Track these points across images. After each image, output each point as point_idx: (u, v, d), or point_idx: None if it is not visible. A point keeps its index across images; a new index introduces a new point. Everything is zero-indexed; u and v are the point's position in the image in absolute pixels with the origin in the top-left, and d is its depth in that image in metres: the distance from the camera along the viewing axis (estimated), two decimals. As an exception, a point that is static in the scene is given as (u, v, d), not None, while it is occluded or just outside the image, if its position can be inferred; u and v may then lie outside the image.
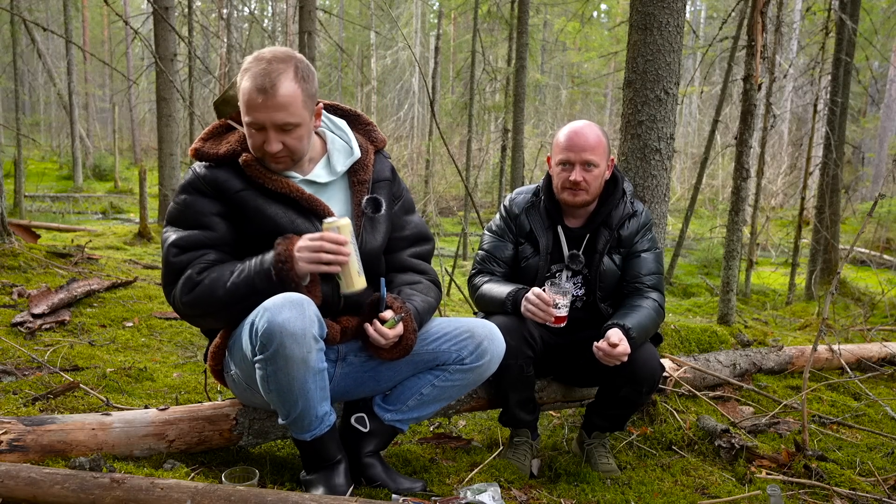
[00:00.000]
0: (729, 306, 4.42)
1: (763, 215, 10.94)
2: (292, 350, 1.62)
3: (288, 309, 1.63)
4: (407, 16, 23.38)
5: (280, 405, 1.75)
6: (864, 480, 2.23)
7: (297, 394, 1.70)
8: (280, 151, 1.76)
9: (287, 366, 1.65)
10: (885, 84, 18.13)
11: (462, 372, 1.97)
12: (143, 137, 26.30)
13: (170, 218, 1.86)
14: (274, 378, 1.68)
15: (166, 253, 1.81)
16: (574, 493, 2.15)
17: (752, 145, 4.39)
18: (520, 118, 9.51)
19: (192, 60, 11.84)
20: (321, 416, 1.79)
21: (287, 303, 1.64)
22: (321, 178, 1.89)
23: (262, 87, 1.69)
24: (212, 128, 1.92)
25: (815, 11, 8.94)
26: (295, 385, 1.68)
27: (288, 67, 1.72)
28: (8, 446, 1.78)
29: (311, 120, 1.80)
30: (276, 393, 1.71)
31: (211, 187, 1.81)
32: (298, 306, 1.64)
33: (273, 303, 1.64)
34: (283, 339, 1.61)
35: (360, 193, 1.94)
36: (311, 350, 1.65)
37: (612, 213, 2.34)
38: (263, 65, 1.71)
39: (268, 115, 1.71)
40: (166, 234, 1.84)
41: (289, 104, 1.71)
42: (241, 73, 1.75)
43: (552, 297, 2.10)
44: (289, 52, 1.76)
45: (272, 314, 1.62)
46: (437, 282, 2.13)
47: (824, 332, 3.07)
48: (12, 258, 4.44)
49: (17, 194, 12.27)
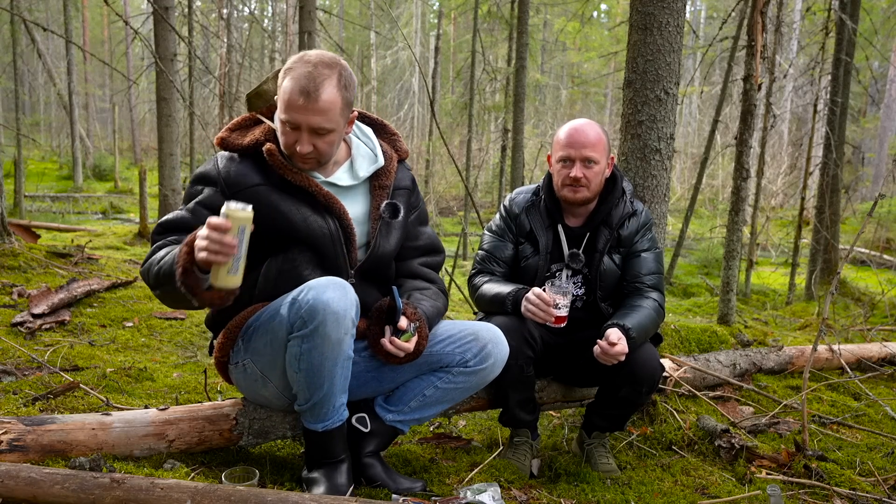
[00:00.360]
0: (729, 306, 4.42)
1: (763, 215, 10.94)
2: (332, 329, 1.66)
3: (332, 289, 1.67)
4: (407, 16, 23.39)
5: (305, 387, 1.75)
6: (864, 480, 2.23)
7: (325, 376, 1.72)
8: (310, 153, 1.79)
9: (323, 344, 1.67)
10: (885, 84, 18.14)
11: (465, 374, 1.98)
12: (143, 137, 26.30)
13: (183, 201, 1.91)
14: (308, 356, 1.70)
15: (154, 228, 1.86)
16: (574, 493, 2.15)
17: (752, 145, 4.39)
18: (520, 118, 9.51)
19: (192, 60, 11.84)
20: (337, 407, 1.81)
21: (331, 283, 1.69)
22: (342, 182, 1.92)
23: (306, 91, 1.72)
24: (240, 119, 1.95)
25: (815, 11, 8.94)
26: (326, 366, 1.71)
27: (332, 74, 1.75)
28: (8, 446, 1.78)
29: (344, 126, 1.83)
30: (305, 372, 1.72)
31: (224, 182, 1.83)
32: (342, 288, 1.69)
33: (318, 282, 1.69)
34: (325, 316, 1.65)
35: (380, 198, 1.97)
36: (347, 332, 1.70)
37: (611, 213, 2.34)
38: (309, 68, 1.73)
39: (305, 118, 1.74)
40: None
41: (328, 110, 1.75)
42: (284, 72, 1.77)
43: (552, 297, 2.10)
44: (335, 59, 1.79)
45: (318, 292, 1.66)
46: (444, 291, 2.16)
47: (824, 332, 3.07)
48: (12, 258, 4.44)
49: (17, 194, 12.28)
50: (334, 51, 19.51)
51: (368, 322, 1.94)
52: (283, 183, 1.84)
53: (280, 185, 1.84)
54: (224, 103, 13.55)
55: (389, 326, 1.89)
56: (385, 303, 1.93)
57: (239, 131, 1.92)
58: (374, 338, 1.92)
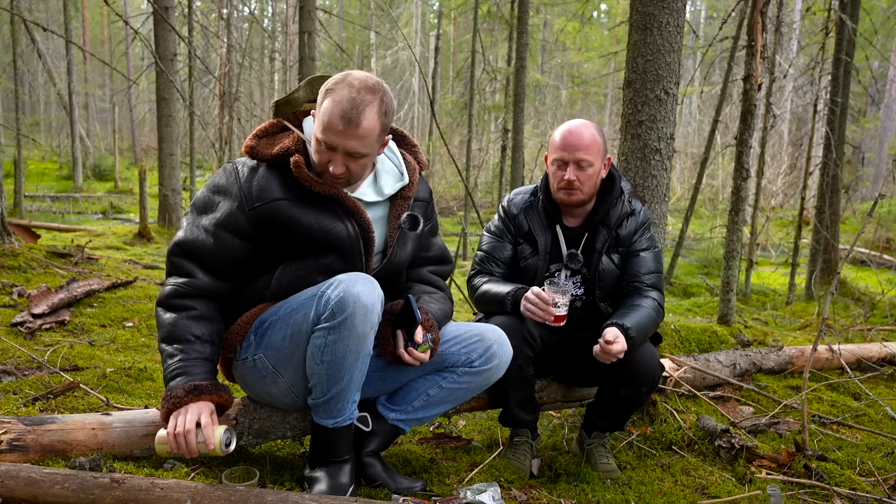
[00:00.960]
0: (729, 306, 4.42)
1: (763, 215, 10.94)
2: (360, 322, 1.68)
3: (362, 283, 1.70)
4: (407, 16, 23.41)
5: (324, 380, 1.76)
6: (864, 480, 2.23)
7: (346, 369, 1.73)
8: (342, 174, 1.80)
9: (349, 337, 1.69)
10: (885, 84, 18.14)
11: (470, 375, 1.99)
12: (143, 137, 26.32)
13: (195, 203, 1.89)
14: (332, 348, 1.71)
15: (172, 245, 1.87)
16: (574, 493, 2.15)
17: (752, 145, 4.39)
18: (520, 118, 9.51)
19: (192, 60, 11.84)
20: (351, 404, 1.83)
21: (361, 278, 1.72)
22: (367, 198, 1.93)
23: (346, 116, 1.72)
24: (267, 126, 1.94)
25: (815, 11, 8.94)
26: (348, 359, 1.72)
27: (374, 100, 1.75)
28: (8, 446, 1.78)
29: (378, 150, 1.85)
30: (327, 364, 1.73)
31: (245, 197, 1.82)
32: (371, 283, 1.72)
33: (349, 276, 1.72)
34: (355, 309, 1.66)
35: (401, 208, 1.98)
36: (373, 327, 1.72)
37: (610, 212, 2.34)
38: (353, 93, 1.73)
39: (343, 142, 1.75)
40: (185, 219, 1.89)
41: (366, 136, 1.76)
42: (325, 92, 1.77)
43: (551, 297, 2.10)
44: (378, 84, 1.79)
45: (348, 285, 1.69)
46: (451, 298, 2.17)
47: (824, 332, 3.07)
48: (12, 258, 4.44)
49: (17, 194, 12.28)
50: (334, 51, 19.50)
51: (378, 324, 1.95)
52: (307, 194, 1.84)
53: (302, 196, 1.84)
54: (224, 103, 13.55)
55: (402, 331, 1.91)
56: (396, 306, 1.94)
57: (266, 139, 1.90)
58: (383, 339, 1.93)
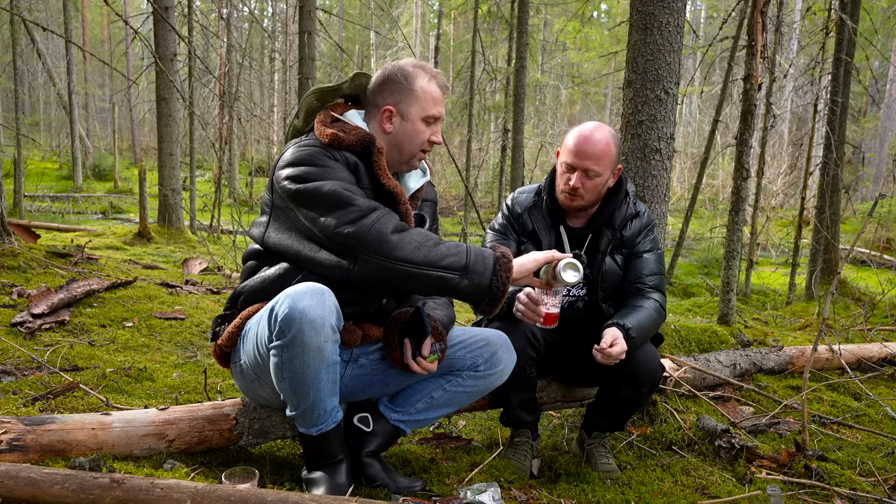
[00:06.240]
0: (729, 306, 4.42)
1: (763, 215, 10.94)
2: (310, 338, 1.64)
3: (309, 297, 1.64)
4: (407, 16, 23.40)
5: (291, 395, 1.75)
6: (865, 480, 2.23)
7: (309, 384, 1.71)
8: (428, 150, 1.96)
9: (303, 353, 1.66)
10: (885, 84, 18.15)
11: (475, 378, 2.01)
12: (143, 137, 26.31)
13: (304, 176, 1.78)
14: (289, 365, 1.68)
15: (351, 214, 1.73)
16: (574, 493, 2.15)
17: (752, 145, 4.39)
18: (520, 118, 9.51)
19: (192, 60, 11.84)
20: (329, 411, 1.80)
21: (308, 291, 1.66)
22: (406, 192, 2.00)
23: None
24: (326, 116, 1.92)
25: (815, 11, 8.93)
26: (308, 374, 1.69)
27: None
28: (8, 446, 1.78)
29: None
30: (288, 381, 1.71)
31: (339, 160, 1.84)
32: (319, 295, 1.66)
33: (294, 290, 1.67)
34: (302, 325, 1.62)
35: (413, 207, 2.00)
36: (327, 340, 1.67)
37: (614, 214, 2.33)
38: None
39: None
40: (316, 185, 1.76)
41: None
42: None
43: (540, 296, 2.08)
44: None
45: (293, 301, 1.63)
46: (452, 302, 2.17)
47: (824, 332, 3.07)
48: (12, 258, 4.43)
49: (16, 194, 12.27)
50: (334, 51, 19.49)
51: (386, 330, 1.96)
52: (375, 185, 1.86)
53: (368, 186, 1.86)
54: (224, 103, 13.53)
55: (409, 340, 1.91)
56: (405, 314, 1.95)
57: (338, 125, 1.89)
58: (389, 346, 1.93)
